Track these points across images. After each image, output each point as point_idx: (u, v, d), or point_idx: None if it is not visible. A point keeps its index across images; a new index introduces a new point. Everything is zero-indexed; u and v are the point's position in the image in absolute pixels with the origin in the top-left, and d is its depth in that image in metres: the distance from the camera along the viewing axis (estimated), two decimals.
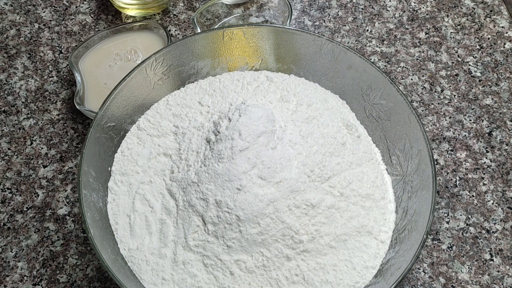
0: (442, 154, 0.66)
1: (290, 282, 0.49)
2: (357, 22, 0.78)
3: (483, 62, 0.75)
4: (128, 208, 0.53)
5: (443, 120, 0.69)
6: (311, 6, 0.80)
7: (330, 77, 0.62)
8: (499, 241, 0.60)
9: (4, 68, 0.73)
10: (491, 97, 0.71)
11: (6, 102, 0.69)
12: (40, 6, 0.79)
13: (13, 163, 0.65)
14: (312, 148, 0.53)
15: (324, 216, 0.51)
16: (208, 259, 0.49)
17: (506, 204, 0.63)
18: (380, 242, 0.53)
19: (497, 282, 0.58)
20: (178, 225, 0.51)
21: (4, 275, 0.57)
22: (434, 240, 0.60)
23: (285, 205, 0.49)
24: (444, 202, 0.63)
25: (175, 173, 0.53)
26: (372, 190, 0.55)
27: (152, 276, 0.50)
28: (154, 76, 0.58)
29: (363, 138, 0.60)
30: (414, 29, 0.78)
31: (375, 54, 0.75)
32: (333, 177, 0.53)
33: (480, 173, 0.65)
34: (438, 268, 0.59)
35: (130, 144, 0.57)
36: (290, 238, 0.49)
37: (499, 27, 0.78)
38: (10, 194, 0.62)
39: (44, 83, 0.71)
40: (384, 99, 0.58)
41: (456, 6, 0.81)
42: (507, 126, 0.69)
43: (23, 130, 0.67)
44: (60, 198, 0.62)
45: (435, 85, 0.72)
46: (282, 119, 0.54)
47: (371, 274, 0.52)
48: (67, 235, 0.60)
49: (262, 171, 0.49)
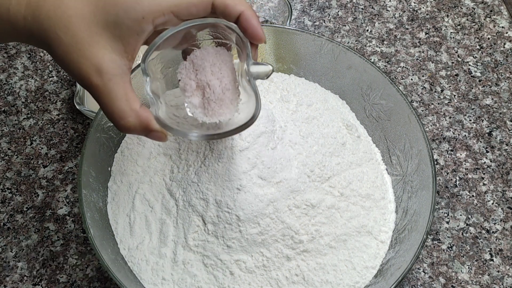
0: (442, 154, 0.66)
1: (290, 282, 0.49)
2: (357, 22, 0.78)
3: (483, 62, 0.75)
4: (128, 208, 0.53)
5: (443, 120, 0.69)
6: (311, 6, 0.80)
7: (330, 77, 0.62)
8: (499, 241, 0.60)
9: (4, 68, 0.73)
10: (491, 97, 0.71)
11: (6, 102, 0.69)
12: None
13: (13, 163, 0.65)
14: (312, 148, 0.53)
15: (324, 216, 0.51)
16: (208, 259, 0.49)
17: (506, 204, 0.63)
18: (380, 242, 0.53)
19: (497, 282, 0.58)
20: (178, 225, 0.51)
21: (4, 275, 0.57)
22: (434, 240, 0.60)
23: (285, 205, 0.49)
24: (444, 202, 0.63)
25: (175, 173, 0.53)
26: (372, 190, 0.55)
27: (152, 276, 0.50)
28: None
29: (363, 138, 0.60)
30: (414, 29, 0.78)
31: (375, 54, 0.75)
32: (333, 177, 0.53)
33: (480, 173, 0.65)
34: (438, 268, 0.59)
35: (130, 144, 0.57)
36: (290, 238, 0.49)
37: (499, 27, 0.78)
38: (10, 194, 0.62)
39: (44, 83, 0.71)
40: (384, 99, 0.58)
41: (456, 6, 0.81)
42: (507, 126, 0.69)
43: (23, 130, 0.67)
44: (60, 198, 0.62)
45: (435, 85, 0.72)
46: (282, 119, 0.54)
47: (371, 274, 0.52)
48: (67, 235, 0.60)
49: (262, 171, 0.49)
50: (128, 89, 0.38)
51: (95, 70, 0.37)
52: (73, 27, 0.37)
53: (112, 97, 0.38)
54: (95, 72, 0.37)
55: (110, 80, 0.37)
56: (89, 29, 0.37)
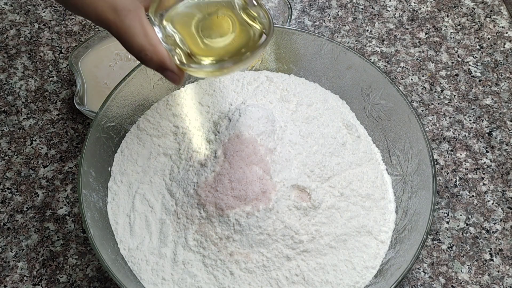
0: (442, 154, 0.66)
1: (290, 282, 0.49)
2: (357, 22, 0.78)
3: (483, 62, 0.75)
4: (128, 208, 0.53)
5: (443, 120, 0.69)
6: (311, 6, 0.80)
7: (330, 77, 0.62)
8: (499, 241, 0.60)
9: (4, 68, 0.73)
10: (491, 97, 0.71)
11: (6, 102, 0.69)
12: (40, 6, 0.79)
13: (13, 163, 0.65)
14: (312, 148, 0.53)
15: (324, 216, 0.51)
16: (208, 259, 0.49)
17: (506, 204, 0.63)
18: (380, 242, 0.53)
19: (497, 282, 0.58)
20: (178, 225, 0.51)
21: (4, 275, 0.57)
22: (434, 240, 0.60)
23: (285, 205, 0.49)
24: (444, 202, 0.63)
25: (175, 173, 0.53)
26: (372, 190, 0.55)
27: (152, 276, 0.50)
28: (154, 76, 0.58)
29: (363, 138, 0.60)
30: (414, 29, 0.78)
31: (375, 54, 0.75)
32: (333, 177, 0.53)
33: (480, 173, 0.65)
34: (438, 268, 0.59)
35: (130, 144, 0.57)
36: (290, 238, 0.49)
37: (499, 27, 0.78)
38: (10, 194, 0.62)
39: (44, 83, 0.71)
40: (384, 99, 0.58)
41: (456, 6, 0.81)
42: (507, 126, 0.69)
43: (23, 130, 0.67)
44: (60, 198, 0.62)
45: (435, 85, 0.72)
46: (282, 119, 0.54)
47: (371, 274, 0.52)
48: (67, 235, 0.60)
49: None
50: (144, 23, 0.40)
51: (111, 9, 0.38)
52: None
53: (130, 33, 0.39)
54: (111, 10, 0.38)
55: (126, 17, 0.39)
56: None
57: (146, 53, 0.40)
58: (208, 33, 0.43)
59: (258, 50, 0.42)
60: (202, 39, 0.43)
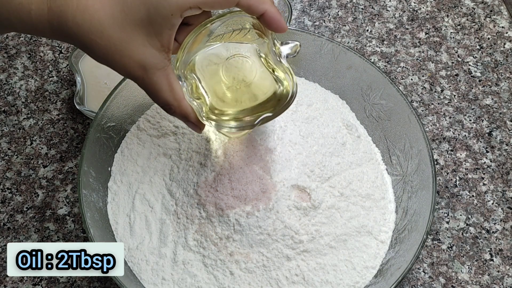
0: (442, 154, 0.66)
1: (290, 282, 0.49)
2: (357, 22, 0.78)
3: (483, 62, 0.75)
4: (128, 208, 0.53)
5: (443, 120, 0.69)
6: (311, 6, 0.80)
7: (330, 77, 0.62)
8: (499, 241, 0.60)
9: (4, 68, 0.73)
10: (491, 97, 0.71)
11: (6, 102, 0.69)
12: None
13: (13, 163, 0.65)
14: (312, 148, 0.53)
15: (324, 216, 0.51)
16: (208, 259, 0.49)
17: (506, 204, 0.63)
18: (380, 242, 0.53)
19: (497, 282, 0.58)
20: (178, 225, 0.51)
21: (4, 275, 0.57)
22: (434, 240, 0.60)
23: (285, 205, 0.49)
24: (444, 202, 0.63)
25: (175, 173, 0.53)
26: (372, 190, 0.55)
27: (152, 276, 0.50)
28: None
29: (363, 138, 0.60)
30: (414, 29, 0.78)
31: (375, 54, 0.75)
32: (333, 177, 0.53)
33: (480, 173, 0.65)
34: (438, 268, 0.59)
35: (130, 144, 0.57)
36: (290, 238, 0.49)
37: (499, 27, 0.78)
38: (10, 194, 0.62)
39: (44, 83, 0.71)
40: (384, 99, 0.58)
41: (456, 6, 0.81)
42: (507, 126, 0.69)
43: (23, 130, 0.67)
44: (60, 198, 0.62)
45: (435, 85, 0.72)
46: (282, 119, 0.54)
47: (371, 274, 0.52)
48: (67, 235, 0.60)
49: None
50: (171, 80, 0.42)
51: (139, 67, 0.40)
52: (107, 31, 0.39)
53: (158, 89, 0.42)
54: (140, 68, 0.40)
55: (154, 74, 0.41)
56: (123, 29, 0.39)
57: (170, 107, 0.43)
58: (232, 74, 0.44)
59: (280, 111, 0.43)
60: (226, 84, 0.44)
